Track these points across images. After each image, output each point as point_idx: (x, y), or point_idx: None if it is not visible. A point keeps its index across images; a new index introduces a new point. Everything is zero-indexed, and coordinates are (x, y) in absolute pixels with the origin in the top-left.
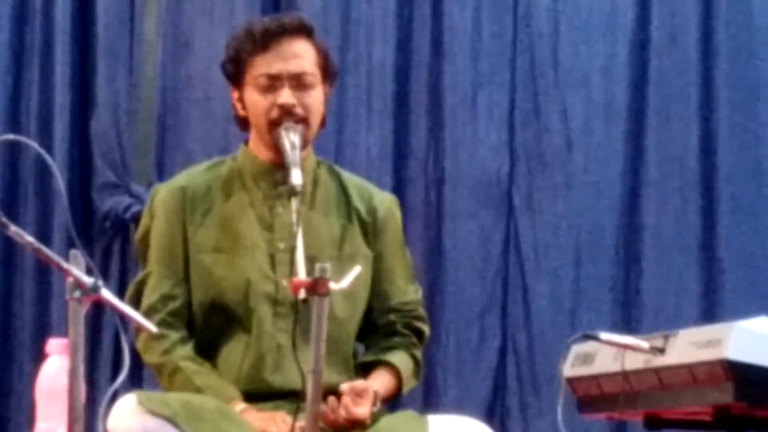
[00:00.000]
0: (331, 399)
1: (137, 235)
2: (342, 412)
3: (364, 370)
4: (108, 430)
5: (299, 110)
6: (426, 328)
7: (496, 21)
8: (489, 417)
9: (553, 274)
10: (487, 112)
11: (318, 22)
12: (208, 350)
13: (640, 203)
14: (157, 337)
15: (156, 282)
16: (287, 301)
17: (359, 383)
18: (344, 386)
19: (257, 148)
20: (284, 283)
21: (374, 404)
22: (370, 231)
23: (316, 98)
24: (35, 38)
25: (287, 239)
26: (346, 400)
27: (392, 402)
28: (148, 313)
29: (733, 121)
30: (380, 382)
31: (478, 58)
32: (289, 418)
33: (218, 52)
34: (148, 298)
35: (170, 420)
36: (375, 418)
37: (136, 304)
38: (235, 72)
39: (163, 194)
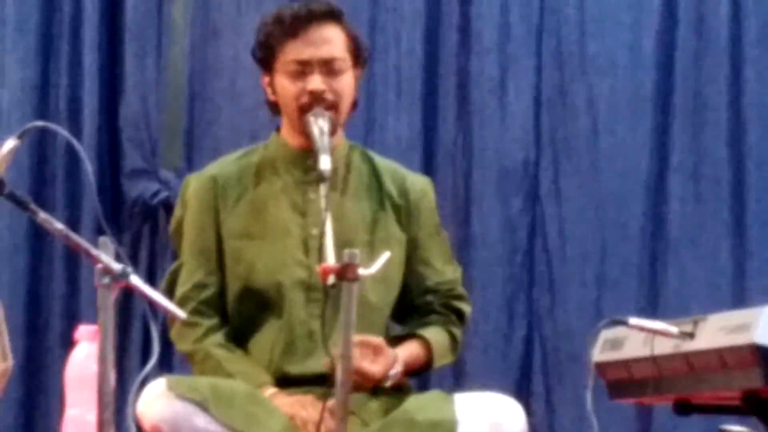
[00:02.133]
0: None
1: (171, 226)
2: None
3: (397, 342)
4: (137, 415)
5: (329, 96)
6: (466, 307)
7: (523, 7)
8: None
9: (579, 261)
10: (514, 99)
11: (346, 8)
12: (241, 337)
13: (667, 189)
14: (189, 326)
15: (189, 271)
16: (320, 286)
17: (373, 338)
18: (356, 338)
19: (288, 135)
20: (317, 268)
21: (392, 367)
22: (404, 214)
23: (346, 83)
24: (64, 25)
25: (320, 225)
26: (356, 352)
27: (423, 377)
28: (181, 303)
29: (763, 105)
30: (407, 349)
31: (506, 44)
32: (318, 403)
33: (246, 38)
34: (182, 287)
35: (200, 404)
36: (400, 392)
37: (170, 293)
38: (265, 58)
39: (194, 184)
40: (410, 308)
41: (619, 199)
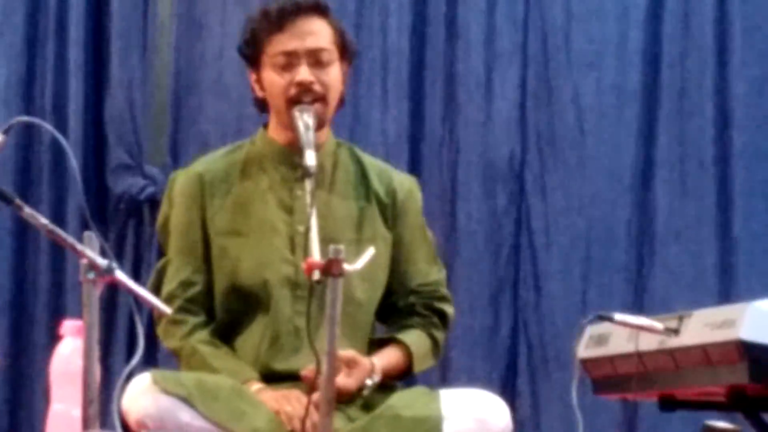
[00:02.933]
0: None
1: (158, 222)
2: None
3: (377, 347)
4: (122, 410)
5: (317, 87)
6: (449, 309)
7: (509, 2)
8: (501, 397)
9: (564, 256)
10: (500, 95)
11: (333, 4)
12: (228, 334)
13: (653, 184)
14: (176, 323)
15: (175, 269)
16: (306, 284)
17: (346, 352)
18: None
19: (276, 131)
20: (303, 265)
21: (369, 376)
22: (390, 213)
23: (333, 75)
24: (49, 20)
25: (307, 222)
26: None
27: (405, 380)
28: (167, 300)
29: (748, 100)
30: (385, 356)
31: (492, 40)
32: (303, 398)
33: (232, 33)
34: (168, 285)
35: (185, 399)
36: (385, 389)
37: (157, 291)
38: (251, 53)
39: (181, 181)
40: (393, 308)
41: (605, 194)
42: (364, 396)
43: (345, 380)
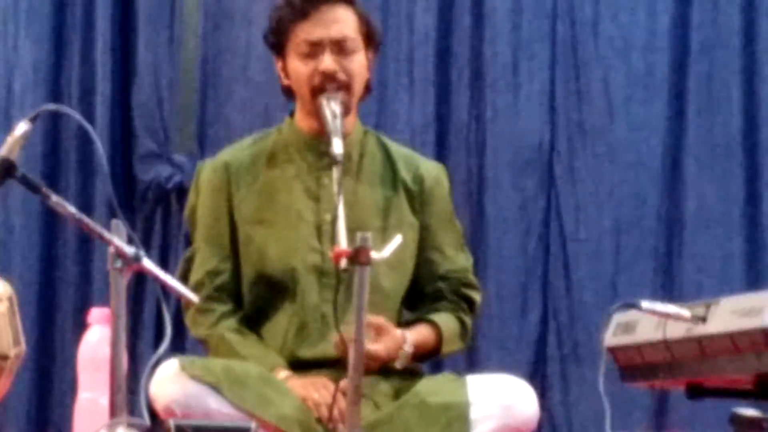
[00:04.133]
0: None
1: (185, 212)
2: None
3: (406, 327)
4: (150, 396)
5: (341, 76)
6: (476, 296)
7: None
8: (530, 384)
9: (594, 244)
10: (528, 82)
11: None
12: (256, 322)
13: (682, 172)
14: (203, 312)
15: (202, 258)
16: (333, 271)
17: (378, 319)
18: None
19: (302, 119)
20: (330, 253)
21: (401, 347)
22: (417, 200)
23: (358, 63)
24: (77, 9)
25: (333, 210)
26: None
27: (433, 361)
28: (195, 289)
29: None
30: (416, 331)
31: (519, 27)
32: (331, 385)
33: (259, 21)
34: (195, 274)
35: (213, 386)
36: (412, 375)
37: (185, 280)
38: (277, 42)
39: (207, 171)
40: (421, 295)
41: (634, 181)
42: (395, 369)
43: (374, 346)
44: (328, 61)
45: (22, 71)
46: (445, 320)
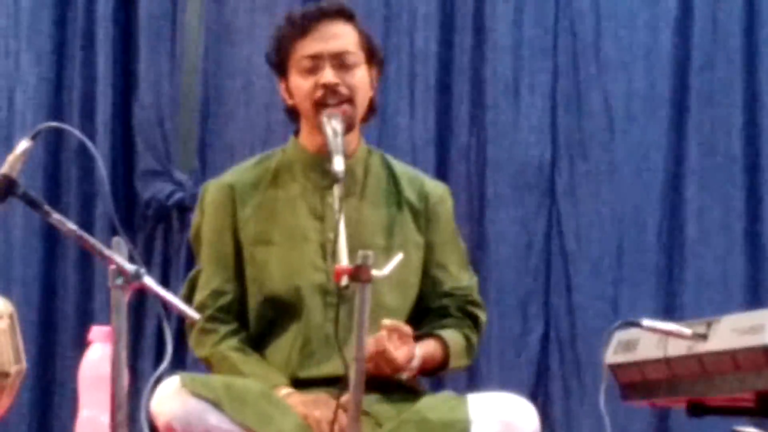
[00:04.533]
0: (378, 335)
1: (190, 232)
2: (377, 345)
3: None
4: (151, 413)
5: (343, 89)
6: (482, 315)
7: (538, 6)
8: (531, 402)
9: (595, 261)
10: (529, 99)
11: (360, 9)
12: (260, 341)
13: (683, 190)
14: (207, 332)
15: (207, 278)
16: (337, 290)
17: (405, 326)
18: (387, 322)
19: (306, 138)
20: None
21: (409, 359)
22: (422, 218)
23: (360, 77)
24: (78, 25)
25: (337, 229)
26: (386, 335)
27: (434, 380)
28: (199, 309)
29: None
30: (424, 345)
31: (520, 44)
32: (332, 402)
33: (260, 39)
34: (199, 294)
35: (213, 403)
36: (413, 394)
37: (189, 300)
38: (279, 60)
39: (212, 191)
40: (426, 311)
41: (636, 198)
42: (397, 385)
43: (399, 352)
44: (328, 75)
45: (23, 88)
46: (452, 336)
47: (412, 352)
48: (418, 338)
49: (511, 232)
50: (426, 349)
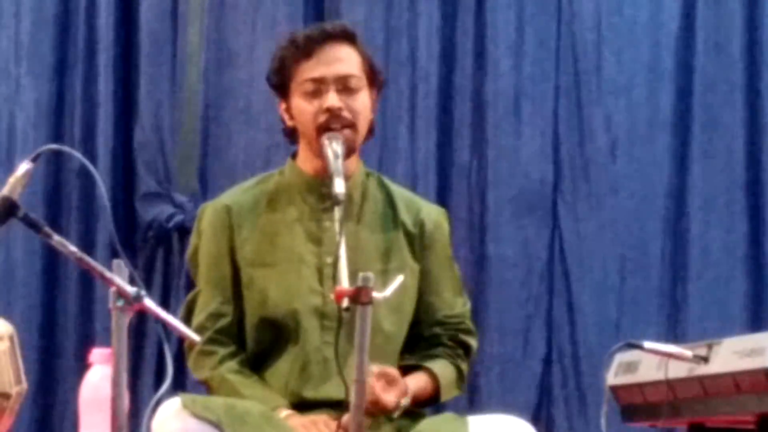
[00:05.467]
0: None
1: (188, 254)
2: (368, 395)
3: (404, 373)
4: None
5: (346, 114)
6: (473, 342)
7: (540, 29)
8: (534, 425)
9: (597, 283)
10: (530, 121)
11: (361, 31)
12: (259, 364)
13: (686, 211)
14: (206, 354)
15: (205, 301)
16: (334, 314)
17: (391, 369)
18: (375, 368)
19: (304, 161)
20: (332, 296)
21: (402, 397)
22: (417, 244)
23: (362, 102)
24: (78, 47)
25: (335, 253)
26: (375, 382)
27: (432, 407)
28: (197, 332)
29: None
30: (415, 380)
31: (521, 66)
32: (332, 423)
33: (261, 62)
34: (198, 317)
35: (214, 424)
36: (414, 416)
37: (187, 322)
38: (280, 82)
39: (209, 213)
40: (418, 338)
41: (638, 220)
42: (393, 418)
43: (388, 397)
44: (333, 99)
45: (24, 110)
46: (442, 368)
47: (403, 391)
48: (408, 370)
49: (512, 253)
50: (417, 384)
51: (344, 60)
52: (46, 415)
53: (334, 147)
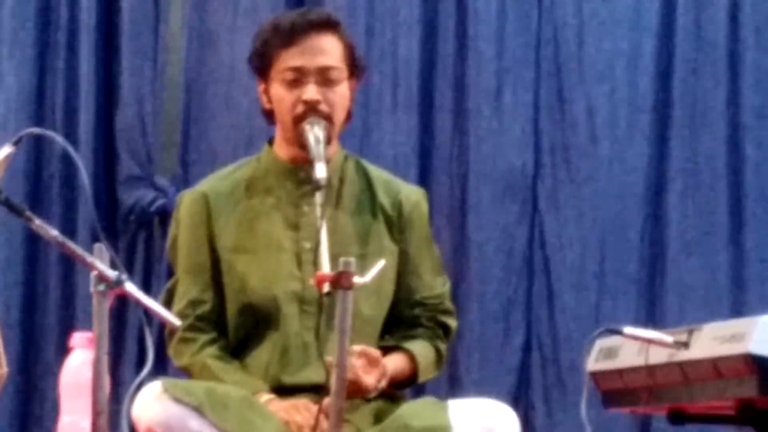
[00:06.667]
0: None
1: (167, 242)
2: (350, 375)
3: (383, 354)
4: (132, 418)
5: (324, 107)
6: (452, 322)
7: (521, 15)
8: (513, 410)
9: (577, 268)
10: (511, 107)
11: (343, 17)
12: (239, 350)
13: (666, 197)
14: (186, 342)
15: (184, 288)
16: (313, 299)
17: (372, 350)
18: (357, 347)
19: (281, 147)
20: (311, 281)
21: (380, 380)
22: (396, 226)
23: (341, 94)
24: (60, 32)
25: (313, 238)
26: (357, 362)
27: (412, 389)
28: (177, 319)
29: (762, 112)
30: (393, 362)
31: (503, 52)
32: (313, 406)
33: (243, 46)
34: (177, 304)
35: (195, 408)
36: (393, 399)
37: (167, 309)
38: (261, 66)
39: (187, 202)
40: (397, 320)
41: (618, 206)
42: (369, 399)
43: (368, 378)
44: (311, 91)
45: (5, 95)
46: (421, 349)
47: (383, 373)
48: (387, 350)
49: (493, 239)
50: (395, 365)
51: (326, 51)
52: (27, 399)
53: (315, 132)
